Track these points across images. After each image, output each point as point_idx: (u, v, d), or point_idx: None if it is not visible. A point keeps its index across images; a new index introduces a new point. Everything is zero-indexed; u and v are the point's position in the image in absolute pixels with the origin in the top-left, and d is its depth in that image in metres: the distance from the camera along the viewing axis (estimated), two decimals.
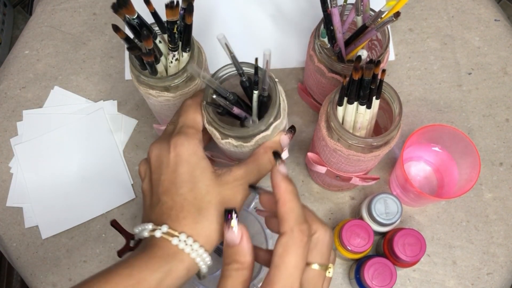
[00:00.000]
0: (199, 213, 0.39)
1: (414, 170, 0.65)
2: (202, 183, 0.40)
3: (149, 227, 0.39)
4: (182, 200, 0.39)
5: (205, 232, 0.39)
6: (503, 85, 0.71)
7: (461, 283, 0.62)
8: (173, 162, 0.40)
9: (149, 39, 0.45)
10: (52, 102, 0.73)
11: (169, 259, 0.37)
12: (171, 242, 0.38)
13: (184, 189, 0.40)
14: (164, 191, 0.40)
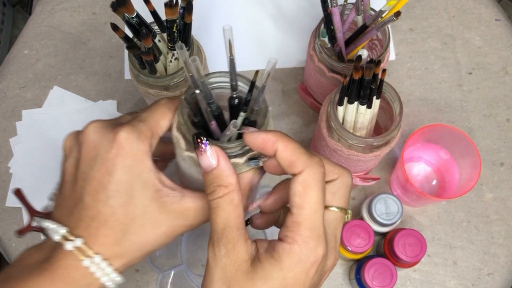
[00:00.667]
0: (123, 235, 0.33)
1: (415, 170, 0.65)
2: (139, 201, 0.33)
3: (62, 231, 0.32)
4: (109, 213, 0.32)
5: (123, 255, 0.33)
6: (504, 85, 0.71)
7: (461, 283, 0.62)
8: (111, 160, 0.33)
9: (148, 38, 0.44)
10: (52, 102, 0.73)
11: (75, 284, 0.32)
12: (82, 262, 0.32)
13: (116, 200, 0.32)
14: (90, 191, 0.33)
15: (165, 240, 0.34)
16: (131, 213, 0.33)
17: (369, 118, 0.49)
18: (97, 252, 0.32)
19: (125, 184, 0.33)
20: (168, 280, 0.63)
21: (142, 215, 0.33)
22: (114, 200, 0.32)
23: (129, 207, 0.33)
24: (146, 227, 0.33)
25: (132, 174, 0.33)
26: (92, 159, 0.33)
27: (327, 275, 0.33)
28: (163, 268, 0.64)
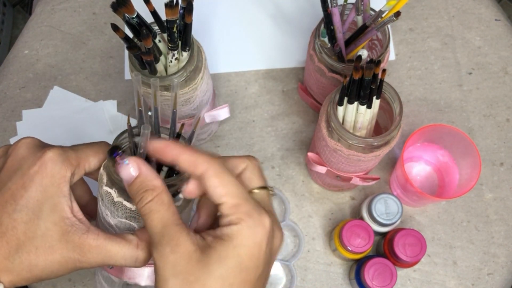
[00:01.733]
0: (16, 252, 0.32)
1: (415, 170, 0.65)
2: (43, 222, 0.33)
3: None
4: (10, 226, 0.32)
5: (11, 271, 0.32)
6: (504, 85, 0.71)
7: (461, 283, 0.62)
8: (30, 176, 0.33)
9: (148, 38, 0.44)
10: (52, 102, 0.73)
11: None
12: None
13: (21, 215, 0.32)
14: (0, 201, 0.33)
15: (56, 270, 0.34)
16: (31, 232, 0.33)
17: (369, 118, 0.50)
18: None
19: (35, 202, 0.33)
20: None
21: (41, 237, 0.33)
22: (19, 214, 0.32)
23: (31, 225, 0.33)
24: (39, 250, 0.33)
25: (45, 195, 0.33)
26: (14, 171, 0.34)
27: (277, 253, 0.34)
28: None
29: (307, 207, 0.66)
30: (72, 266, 0.34)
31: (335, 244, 0.59)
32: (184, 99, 0.53)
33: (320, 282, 0.63)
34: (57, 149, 0.34)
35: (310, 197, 0.66)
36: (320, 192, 0.66)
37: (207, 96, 0.57)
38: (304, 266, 0.63)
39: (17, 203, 0.33)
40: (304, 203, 0.66)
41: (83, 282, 0.63)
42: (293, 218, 0.65)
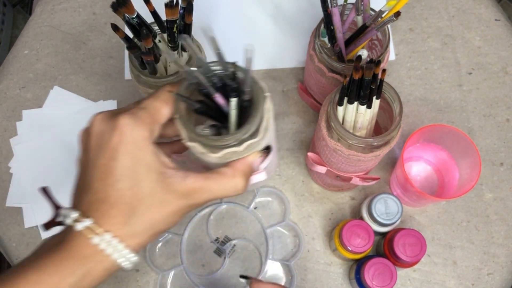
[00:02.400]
0: (134, 214, 0.34)
1: (415, 170, 0.65)
2: (145, 182, 0.35)
3: (74, 215, 0.35)
4: (117, 195, 0.34)
5: (135, 235, 0.35)
6: (504, 85, 0.71)
7: (461, 283, 0.62)
8: (114, 147, 0.34)
9: (148, 38, 0.45)
10: (52, 102, 0.73)
11: (87, 261, 0.33)
12: (91, 240, 0.33)
13: (123, 184, 0.34)
14: (98, 177, 0.35)
15: (173, 218, 0.36)
16: (138, 195, 0.34)
17: (369, 118, 0.50)
18: (106, 230, 0.34)
19: (129, 169, 0.34)
20: (168, 280, 0.63)
21: (149, 196, 0.35)
22: (121, 184, 0.34)
23: (136, 189, 0.34)
24: (153, 207, 0.35)
25: (135, 159, 0.35)
26: (98, 147, 0.35)
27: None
28: (163, 268, 0.64)
29: (307, 207, 0.66)
30: (184, 211, 0.37)
31: (335, 244, 0.59)
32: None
33: (320, 282, 0.63)
34: (127, 114, 0.35)
35: (310, 197, 0.66)
36: (320, 192, 0.66)
37: None
38: (304, 266, 0.63)
39: (114, 174, 0.34)
40: (304, 203, 0.66)
41: None
42: (293, 218, 0.65)
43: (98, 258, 0.34)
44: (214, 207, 0.65)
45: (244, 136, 0.36)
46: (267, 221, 0.65)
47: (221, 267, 0.63)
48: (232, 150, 0.37)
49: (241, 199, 0.66)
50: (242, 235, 0.65)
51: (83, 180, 0.36)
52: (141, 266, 0.64)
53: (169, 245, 0.65)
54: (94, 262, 0.34)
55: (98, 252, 0.33)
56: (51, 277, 0.32)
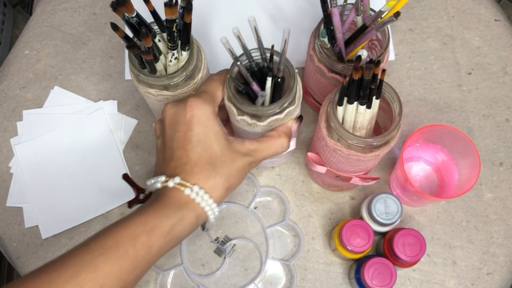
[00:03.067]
0: (213, 169, 0.43)
1: (414, 170, 0.65)
2: (216, 145, 0.43)
3: (162, 179, 0.42)
4: (197, 157, 0.42)
5: (216, 186, 0.43)
6: (503, 85, 0.71)
7: (461, 283, 0.62)
8: (188, 120, 0.43)
9: (148, 37, 0.45)
10: (52, 102, 0.73)
11: (181, 207, 0.41)
12: (183, 192, 0.41)
13: (200, 148, 0.43)
14: (178, 146, 0.43)
15: (241, 174, 0.45)
16: (213, 155, 0.43)
17: (369, 118, 0.50)
18: (194, 183, 0.42)
19: (202, 135, 0.43)
20: (168, 280, 0.63)
21: (221, 155, 0.43)
22: (198, 148, 0.43)
23: (210, 151, 0.43)
24: (227, 163, 0.44)
25: (206, 128, 0.43)
26: (174, 124, 0.44)
27: None
28: (163, 268, 0.64)
29: (307, 207, 0.66)
30: (248, 168, 0.46)
31: (335, 244, 0.59)
32: None
33: (320, 281, 0.63)
34: (194, 96, 0.45)
35: (310, 197, 0.66)
36: (320, 192, 0.67)
37: None
38: (304, 265, 0.63)
39: (191, 141, 0.43)
40: (304, 203, 0.66)
41: None
42: (293, 218, 0.65)
43: (191, 206, 0.41)
44: None
45: (285, 104, 0.46)
46: (267, 221, 0.65)
47: (221, 267, 0.63)
48: (274, 118, 0.47)
49: (241, 199, 0.66)
50: (242, 234, 0.65)
51: (164, 155, 0.45)
52: None
53: None
54: (187, 209, 0.41)
55: (190, 201, 0.41)
56: (154, 219, 0.40)
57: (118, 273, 0.37)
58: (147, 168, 0.69)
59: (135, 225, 0.39)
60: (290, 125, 0.48)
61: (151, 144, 0.70)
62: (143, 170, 0.69)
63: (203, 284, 0.63)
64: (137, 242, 0.38)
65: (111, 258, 0.37)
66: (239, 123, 0.48)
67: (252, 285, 0.63)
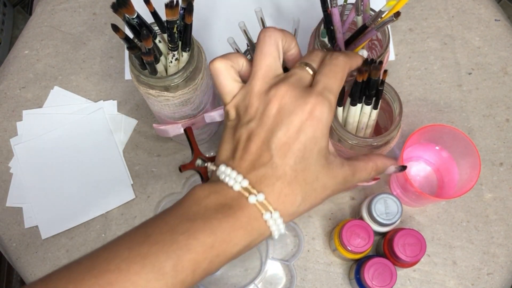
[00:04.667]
0: (302, 197, 0.35)
1: (414, 170, 0.65)
2: (315, 166, 0.36)
3: (245, 183, 0.35)
4: (292, 176, 0.35)
5: (295, 214, 0.36)
6: (503, 85, 0.71)
7: (461, 283, 0.62)
8: (302, 123, 0.35)
9: (148, 38, 0.45)
10: (52, 102, 0.73)
11: (253, 233, 0.34)
12: (263, 216, 0.34)
13: (300, 165, 0.35)
14: (281, 154, 0.35)
15: (323, 201, 0.38)
16: (309, 177, 0.35)
17: (374, 118, 0.49)
18: (276, 208, 0.35)
19: (309, 150, 0.35)
20: None
21: (316, 181, 0.36)
22: (299, 164, 0.35)
23: (307, 172, 0.35)
24: (318, 191, 0.36)
25: (316, 142, 0.35)
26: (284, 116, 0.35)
27: None
28: None
29: None
30: (337, 193, 0.38)
31: (335, 244, 0.59)
32: (184, 100, 0.53)
33: (320, 282, 0.63)
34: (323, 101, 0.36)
35: None
36: None
37: (207, 96, 0.57)
38: (304, 266, 0.63)
39: (294, 152, 0.35)
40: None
41: None
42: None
43: (262, 231, 0.35)
44: None
45: None
46: None
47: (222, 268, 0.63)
48: None
49: None
50: None
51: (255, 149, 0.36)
52: None
53: None
54: (258, 235, 0.35)
55: (264, 227, 0.35)
56: (222, 244, 0.33)
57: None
58: (147, 168, 0.69)
59: (201, 249, 0.32)
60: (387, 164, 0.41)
61: (151, 144, 0.70)
62: (143, 170, 0.69)
63: (203, 285, 0.63)
64: (198, 269, 0.32)
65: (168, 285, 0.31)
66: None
67: (252, 285, 0.63)
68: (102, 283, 0.30)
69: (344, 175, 0.37)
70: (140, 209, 0.67)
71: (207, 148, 0.69)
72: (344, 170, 0.37)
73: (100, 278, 0.30)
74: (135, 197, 0.67)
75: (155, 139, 0.70)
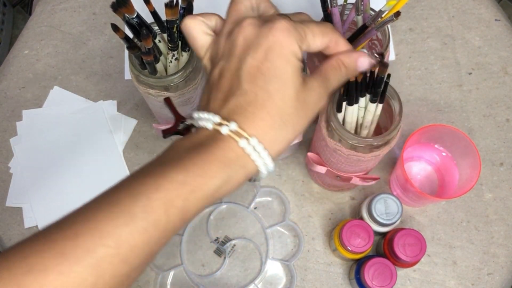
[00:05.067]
0: (280, 119, 0.33)
1: (415, 170, 0.65)
2: (292, 84, 0.34)
3: (216, 119, 0.33)
4: (266, 98, 0.33)
5: (278, 139, 0.34)
6: (504, 85, 0.71)
7: (461, 283, 0.62)
8: (269, 47, 0.33)
9: (148, 38, 0.45)
10: (52, 102, 0.73)
11: (231, 165, 0.32)
12: (238, 143, 0.32)
13: (274, 86, 0.33)
14: (248, 78, 0.33)
15: (309, 121, 0.36)
16: (287, 96, 0.34)
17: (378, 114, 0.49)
18: (252, 134, 0.33)
19: (282, 69, 0.33)
20: (168, 280, 0.63)
21: (295, 98, 0.34)
22: (271, 85, 0.33)
23: (284, 91, 0.33)
24: (299, 109, 0.34)
25: (288, 62, 0.34)
26: (249, 48, 0.34)
27: None
28: (163, 268, 0.64)
29: (307, 207, 0.66)
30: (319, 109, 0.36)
31: (335, 244, 0.59)
32: (184, 99, 0.53)
33: (320, 282, 0.63)
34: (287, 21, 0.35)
35: (310, 197, 0.66)
36: (320, 192, 0.66)
37: None
38: (304, 266, 0.63)
39: (265, 74, 0.33)
40: (304, 203, 0.66)
41: None
42: (293, 218, 0.65)
43: (242, 163, 0.33)
44: (214, 207, 0.65)
45: None
46: (267, 221, 0.65)
47: (221, 267, 0.63)
48: None
49: (241, 199, 0.66)
50: (242, 235, 0.65)
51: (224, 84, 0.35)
52: None
53: (169, 245, 0.65)
54: (238, 167, 0.33)
55: (243, 157, 0.33)
56: (196, 179, 0.31)
57: (145, 246, 0.30)
58: None
59: (171, 185, 0.30)
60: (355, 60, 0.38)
61: (151, 144, 0.70)
62: None
63: (203, 285, 0.63)
64: (171, 208, 0.30)
65: (138, 229, 0.29)
66: None
67: (252, 286, 0.62)
68: (69, 234, 0.29)
69: (319, 83, 0.36)
70: None
71: None
72: (317, 79, 0.36)
73: (67, 229, 0.29)
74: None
75: (155, 139, 0.70)
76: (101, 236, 0.29)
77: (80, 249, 0.28)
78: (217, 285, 0.63)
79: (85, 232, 0.29)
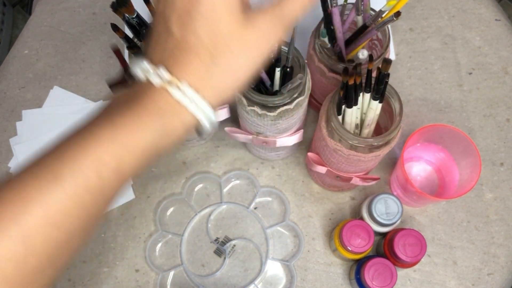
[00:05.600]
0: (211, 60, 0.30)
1: (415, 170, 0.65)
2: (224, 22, 0.30)
3: (144, 65, 0.31)
4: (193, 39, 0.30)
5: (213, 83, 0.31)
6: (504, 85, 0.71)
7: (461, 283, 0.62)
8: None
9: None
10: (52, 102, 0.73)
11: (164, 115, 0.30)
12: (168, 90, 0.30)
13: (200, 25, 0.30)
14: (176, 20, 0.31)
15: (254, 66, 0.32)
16: (218, 36, 0.30)
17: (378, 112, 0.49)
18: (182, 78, 0.30)
19: (209, 8, 0.30)
20: (168, 280, 0.63)
21: (228, 35, 0.30)
22: (198, 25, 0.30)
23: (214, 31, 0.30)
24: (233, 46, 0.31)
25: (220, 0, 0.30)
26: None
27: None
28: (163, 268, 0.64)
29: (307, 207, 0.66)
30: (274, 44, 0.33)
31: (335, 244, 0.59)
32: None
33: (320, 282, 0.62)
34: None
35: (310, 197, 0.66)
36: (320, 192, 0.66)
37: None
38: (304, 266, 0.63)
39: (192, 15, 0.30)
40: (304, 203, 0.66)
41: (83, 282, 0.63)
42: (293, 218, 0.65)
43: (176, 112, 0.30)
44: (214, 207, 0.65)
45: (294, 95, 0.47)
46: (267, 221, 0.65)
47: (221, 267, 0.63)
48: (284, 108, 0.47)
49: (241, 199, 0.66)
50: (242, 235, 0.65)
51: (159, 27, 0.32)
52: (140, 266, 0.64)
53: (169, 245, 0.65)
54: (172, 116, 0.30)
55: (174, 104, 0.30)
56: (126, 135, 0.29)
57: (78, 210, 0.28)
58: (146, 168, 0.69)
59: (98, 142, 0.28)
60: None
61: None
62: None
63: (203, 285, 0.63)
64: (102, 168, 0.28)
65: (68, 193, 0.27)
66: (249, 114, 0.48)
67: (252, 286, 0.62)
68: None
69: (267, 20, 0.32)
70: (140, 209, 0.67)
71: (206, 148, 0.69)
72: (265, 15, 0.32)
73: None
74: (135, 197, 0.67)
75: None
76: (27, 204, 0.27)
77: (5, 220, 0.26)
78: (217, 285, 0.63)
79: (9, 201, 0.27)
